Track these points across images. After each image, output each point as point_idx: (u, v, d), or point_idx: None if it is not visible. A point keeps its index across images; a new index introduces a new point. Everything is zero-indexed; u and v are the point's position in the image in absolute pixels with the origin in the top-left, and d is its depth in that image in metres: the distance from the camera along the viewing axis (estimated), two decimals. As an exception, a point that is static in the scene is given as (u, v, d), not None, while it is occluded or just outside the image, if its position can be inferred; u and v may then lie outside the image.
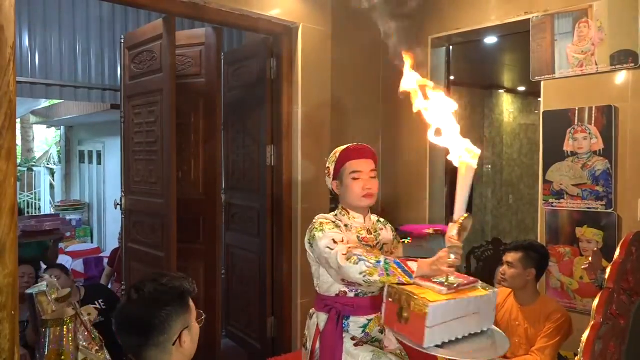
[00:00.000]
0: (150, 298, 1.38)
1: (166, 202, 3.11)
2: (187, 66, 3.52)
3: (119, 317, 1.41)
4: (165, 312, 1.36)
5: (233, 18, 3.09)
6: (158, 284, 1.40)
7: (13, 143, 1.91)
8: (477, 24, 3.29)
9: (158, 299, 1.37)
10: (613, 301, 1.94)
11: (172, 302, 1.38)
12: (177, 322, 1.37)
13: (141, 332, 1.36)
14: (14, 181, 1.90)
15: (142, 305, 1.37)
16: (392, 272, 1.69)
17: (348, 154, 2.02)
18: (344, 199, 2.03)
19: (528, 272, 2.48)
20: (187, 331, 1.39)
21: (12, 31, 1.92)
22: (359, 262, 1.71)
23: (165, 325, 1.35)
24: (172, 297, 1.38)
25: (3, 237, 1.84)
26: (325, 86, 3.46)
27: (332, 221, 1.98)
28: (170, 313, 1.36)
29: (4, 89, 1.87)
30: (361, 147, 2.05)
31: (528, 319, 2.47)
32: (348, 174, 1.99)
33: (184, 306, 1.40)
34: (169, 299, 1.38)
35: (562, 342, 2.39)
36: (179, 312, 1.38)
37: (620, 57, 2.67)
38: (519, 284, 2.49)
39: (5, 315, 1.84)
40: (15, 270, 1.89)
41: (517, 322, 2.52)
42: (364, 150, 2.04)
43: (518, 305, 2.53)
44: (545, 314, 2.43)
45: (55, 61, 4.54)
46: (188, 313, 1.41)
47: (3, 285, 1.84)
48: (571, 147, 2.85)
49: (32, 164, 11.40)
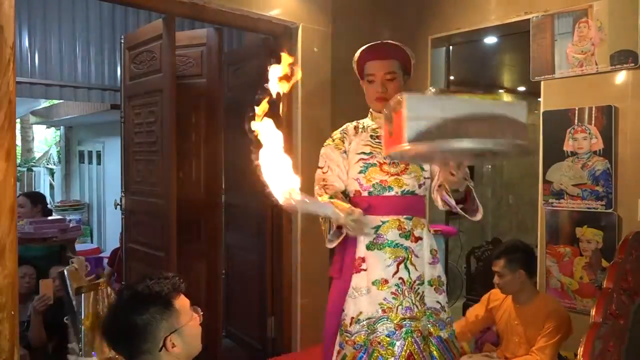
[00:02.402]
0: (127, 307, 1.35)
1: (166, 202, 3.11)
2: (188, 67, 3.52)
3: (103, 327, 1.40)
4: (142, 320, 1.31)
5: (233, 18, 3.09)
6: (135, 291, 1.37)
7: (13, 143, 1.91)
8: (477, 24, 3.29)
9: (135, 308, 1.33)
10: (613, 301, 1.94)
11: (149, 309, 1.33)
12: (159, 328, 1.32)
13: (124, 341, 1.35)
14: (14, 181, 1.90)
15: (121, 314, 1.35)
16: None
17: (364, 55, 1.94)
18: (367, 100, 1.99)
19: (517, 274, 2.47)
20: (176, 335, 1.34)
21: (12, 31, 1.92)
22: None
23: (146, 333, 1.31)
24: (149, 304, 1.33)
25: (3, 238, 1.84)
26: (326, 86, 3.46)
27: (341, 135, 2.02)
28: (150, 321, 1.32)
29: (4, 89, 1.87)
30: (378, 46, 1.93)
31: (527, 318, 2.47)
32: (365, 76, 1.94)
33: (165, 311, 1.34)
34: (147, 306, 1.33)
35: (562, 341, 2.39)
36: (158, 319, 1.32)
37: (620, 57, 2.67)
38: (514, 287, 2.49)
39: (5, 315, 1.84)
40: (15, 271, 1.90)
41: (516, 322, 2.51)
42: (380, 49, 1.92)
43: (516, 305, 2.53)
44: (544, 312, 2.42)
45: (55, 61, 4.54)
46: (173, 317, 1.35)
47: (3, 286, 1.85)
48: (571, 147, 2.85)
49: (32, 164, 11.39)
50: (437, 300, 1.89)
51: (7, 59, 1.89)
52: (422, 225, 1.90)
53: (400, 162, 1.86)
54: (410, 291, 1.81)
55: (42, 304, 2.76)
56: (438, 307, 1.88)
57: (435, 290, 1.89)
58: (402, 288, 1.81)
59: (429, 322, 1.85)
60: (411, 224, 1.86)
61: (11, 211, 1.86)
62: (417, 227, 1.87)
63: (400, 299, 1.80)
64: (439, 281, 1.91)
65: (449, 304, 1.97)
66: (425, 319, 1.84)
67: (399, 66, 1.93)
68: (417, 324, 1.80)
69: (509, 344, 2.55)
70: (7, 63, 1.89)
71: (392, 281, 1.81)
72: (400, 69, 1.93)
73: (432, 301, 1.87)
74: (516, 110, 1.26)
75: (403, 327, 1.78)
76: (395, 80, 1.91)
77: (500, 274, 2.48)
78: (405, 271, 1.81)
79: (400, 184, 1.86)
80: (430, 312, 1.86)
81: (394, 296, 1.80)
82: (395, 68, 1.91)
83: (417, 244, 1.86)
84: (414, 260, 1.83)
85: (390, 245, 1.82)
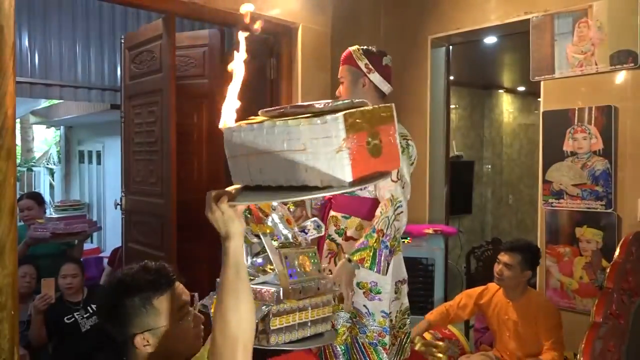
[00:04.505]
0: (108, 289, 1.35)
1: (166, 202, 3.11)
2: (190, 67, 3.53)
3: None
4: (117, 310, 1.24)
5: (233, 18, 3.09)
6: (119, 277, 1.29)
7: (13, 143, 1.90)
8: (477, 24, 3.29)
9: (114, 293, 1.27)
10: (613, 301, 1.94)
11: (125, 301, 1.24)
12: (131, 323, 1.23)
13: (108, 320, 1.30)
14: (14, 181, 1.90)
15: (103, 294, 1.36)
16: None
17: None
18: None
19: (525, 274, 2.54)
20: (150, 334, 1.23)
21: (12, 31, 1.92)
22: None
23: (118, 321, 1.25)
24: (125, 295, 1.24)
25: (3, 238, 1.84)
26: (325, 86, 3.46)
27: None
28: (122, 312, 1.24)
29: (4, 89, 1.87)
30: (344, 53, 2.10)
31: (518, 313, 2.53)
32: None
33: (141, 308, 1.24)
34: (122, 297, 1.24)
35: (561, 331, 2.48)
36: (131, 313, 1.23)
37: (620, 57, 2.67)
38: (514, 284, 2.54)
39: (5, 315, 1.84)
40: (15, 270, 1.89)
41: (507, 316, 2.57)
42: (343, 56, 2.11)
43: (507, 301, 2.58)
44: (534, 306, 2.50)
45: (55, 61, 4.53)
46: (149, 316, 1.24)
47: (3, 285, 1.84)
48: (571, 147, 2.85)
49: (32, 164, 11.39)
50: (365, 305, 1.96)
51: (7, 58, 1.89)
52: (360, 227, 1.97)
53: None
54: None
55: (43, 303, 2.76)
56: (363, 312, 1.96)
57: (364, 294, 1.95)
58: None
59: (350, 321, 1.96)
60: (346, 222, 1.99)
61: (11, 211, 1.86)
62: (351, 227, 1.98)
63: None
64: (372, 287, 1.96)
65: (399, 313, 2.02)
66: (344, 315, 1.94)
67: (350, 70, 2.07)
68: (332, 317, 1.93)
69: (502, 339, 2.62)
70: (7, 63, 1.88)
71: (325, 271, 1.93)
72: (350, 73, 2.06)
73: (358, 304, 1.95)
74: (330, 129, 0.94)
75: None
76: (343, 84, 2.08)
77: (509, 266, 2.51)
78: (334, 265, 1.95)
79: None
80: (354, 312, 1.96)
81: None
82: (344, 72, 2.08)
83: (348, 243, 1.96)
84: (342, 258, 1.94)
85: (329, 238, 2.01)
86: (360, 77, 2.04)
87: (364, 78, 2.04)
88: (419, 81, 3.57)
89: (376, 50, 2.07)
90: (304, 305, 1.36)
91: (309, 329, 1.37)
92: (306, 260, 1.46)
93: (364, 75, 2.04)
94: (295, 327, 1.34)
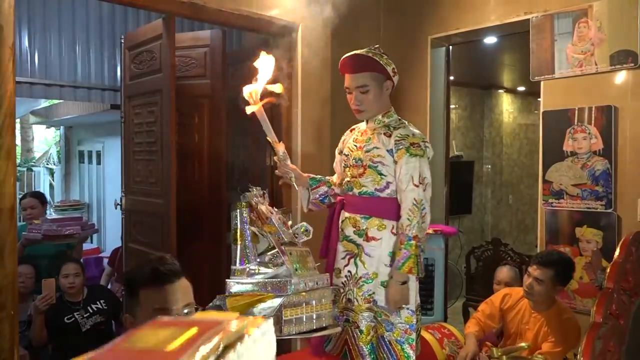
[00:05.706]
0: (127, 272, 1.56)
1: (166, 202, 3.11)
2: (191, 67, 3.53)
3: None
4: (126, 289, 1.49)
5: (233, 18, 3.09)
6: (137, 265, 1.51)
7: (12, 143, 1.91)
8: (477, 24, 3.29)
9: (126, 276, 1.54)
10: (613, 301, 1.94)
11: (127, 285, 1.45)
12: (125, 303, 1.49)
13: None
14: (14, 181, 1.90)
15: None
16: None
17: (341, 67, 2.06)
18: None
19: (556, 289, 2.40)
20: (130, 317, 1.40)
21: (12, 31, 1.93)
22: None
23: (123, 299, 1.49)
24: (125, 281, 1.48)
25: (3, 238, 1.84)
26: (325, 86, 3.46)
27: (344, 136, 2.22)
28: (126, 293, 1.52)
29: (4, 88, 1.87)
30: (346, 60, 2.02)
31: (539, 325, 2.41)
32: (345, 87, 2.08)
33: (131, 295, 1.42)
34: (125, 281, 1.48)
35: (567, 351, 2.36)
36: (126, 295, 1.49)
37: (620, 57, 2.67)
38: (544, 298, 2.40)
39: (5, 315, 1.84)
40: (14, 271, 1.90)
41: (527, 327, 2.46)
42: (352, 62, 2.01)
43: (532, 312, 2.46)
44: (556, 322, 2.38)
45: (55, 61, 4.53)
46: (133, 302, 1.40)
47: (3, 285, 1.85)
48: (571, 147, 2.85)
49: (32, 164, 11.38)
50: None
51: (7, 59, 1.89)
52: (382, 227, 1.97)
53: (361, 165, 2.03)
54: (355, 285, 1.96)
55: (44, 303, 2.76)
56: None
57: None
58: (349, 280, 1.98)
59: (374, 320, 1.96)
60: (367, 223, 1.98)
61: (11, 211, 1.86)
62: (372, 227, 1.97)
63: (345, 289, 1.98)
64: None
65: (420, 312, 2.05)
66: (368, 315, 1.95)
67: (373, 77, 1.98)
68: (355, 317, 1.95)
69: (513, 343, 2.51)
70: (7, 63, 1.89)
71: (344, 272, 1.99)
72: (374, 79, 1.99)
73: (384, 302, 1.96)
74: None
75: (344, 315, 1.97)
76: (369, 92, 1.98)
77: (539, 281, 2.36)
78: (354, 266, 1.97)
79: (359, 186, 2.01)
80: (380, 311, 1.96)
81: (342, 286, 1.99)
82: (368, 80, 1.98)
83: (369, 243, 1.96)
84: (364, 258, 1.96)
85: (346, 239, 2.01)
86: (384, 81, 2.00)
87: (388, 82, 2.01)
88: (419, 81, 3.58)
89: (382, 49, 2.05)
90: (309, 298, 1.53)
91: (314, 322, 1.55)
92: (304, 258, 1.64)
93: (387, 79, 2.00)
94: (303, 319, 1.51)
